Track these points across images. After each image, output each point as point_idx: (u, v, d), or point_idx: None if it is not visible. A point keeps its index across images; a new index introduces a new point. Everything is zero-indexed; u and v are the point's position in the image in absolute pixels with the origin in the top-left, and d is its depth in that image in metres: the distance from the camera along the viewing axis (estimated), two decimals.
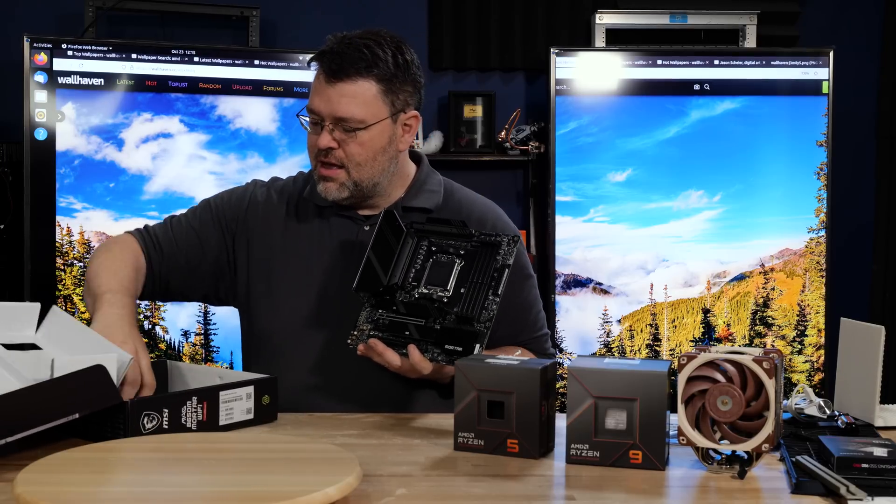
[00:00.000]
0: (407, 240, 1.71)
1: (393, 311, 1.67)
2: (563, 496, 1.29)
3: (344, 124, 1.75)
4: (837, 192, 3.73)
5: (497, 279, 1.64)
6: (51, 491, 1.12)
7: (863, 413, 1.60)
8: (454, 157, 3.89)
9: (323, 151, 1.77)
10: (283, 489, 1.12)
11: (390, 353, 1.62)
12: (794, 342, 3.70)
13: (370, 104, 1.75)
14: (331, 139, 1.75)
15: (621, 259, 3.69)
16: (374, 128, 1.76)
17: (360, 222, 1.86)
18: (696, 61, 3.69)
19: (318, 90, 1.76)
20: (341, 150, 1.76)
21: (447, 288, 1.65)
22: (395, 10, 3.98)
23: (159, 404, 1.45)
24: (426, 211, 1.86)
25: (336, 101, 1.74)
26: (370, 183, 1.80)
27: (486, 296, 1.63)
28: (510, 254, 1.66)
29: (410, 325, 1.66)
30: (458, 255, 1.68)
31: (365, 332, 1.67)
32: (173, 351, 3.51)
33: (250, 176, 3.60)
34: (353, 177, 1.78)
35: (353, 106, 1.74)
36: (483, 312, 1.62)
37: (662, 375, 1.35)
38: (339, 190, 1.79)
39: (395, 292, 1.67)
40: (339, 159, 1.77)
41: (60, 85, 3.39)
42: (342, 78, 1.74)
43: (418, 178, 1.90)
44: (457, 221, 1.71)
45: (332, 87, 1.74)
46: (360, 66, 1.73)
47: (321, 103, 1.75)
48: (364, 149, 1.76)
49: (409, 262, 1.70)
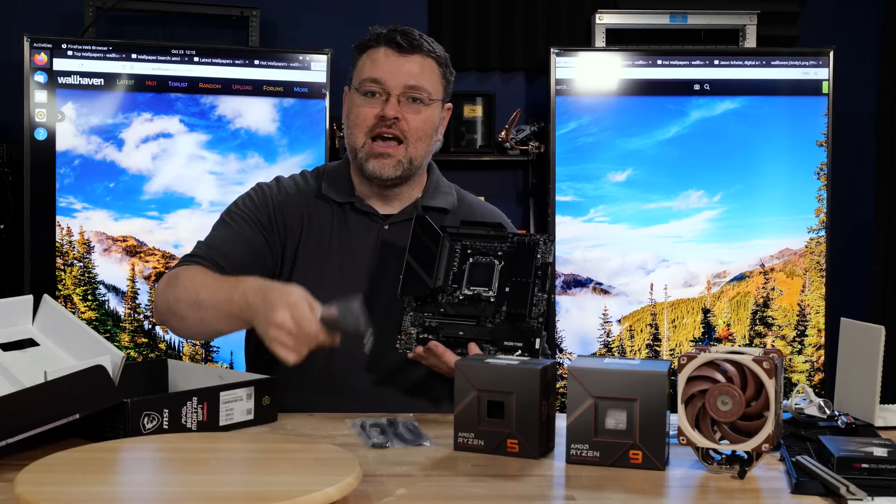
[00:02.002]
0: (443, 243, 1.73)
1: (440, 314, 1.69)
2: (563, 496, 1.29)
3: (414, 93, 1.79)
4: (837, 192, 3.73)
5: (542, 277, 1.67)
6: (51, 491, 1.12)
7: (863, 413, 1.60)
8: (454, 157, 3.89)
9: (386, 122, 1.78)
10: (283, 489, 1.12)
11: (450, 355, 1.64)
12: (794, 342, 3.70)
13: (436, 81, 1.83)
14: (398, 109, 1.78)
15: (621, 259, 3.69)
16: (435, 105, 1.82)
17: (380, 221, 1.86)
18: (696, 61, 3.69)
19: (385, 62, 1.79)
20: (405, 122, 1.79)
21: (492, 288, 1.68)
22: (395, 10, 3.97)
23: (159, 404, 1.45)
24: (444, 211, 1.89)
25: (409, 72, 1.79)
26: (419, 163, 1.83)
27: (532, 293, 1.66)
28: (549, 252, 1.69)
29: (464, 326, 1.68)
30: (496, 256, 1.71)
31: (413, 335, 1.69)
32: (173, 351, 3.51)
33: (250, 176, 3.62)
34: (410, 153, 1.80)
35: (426, 78, 1.80)
36: (533, 308, 1.65)
37: (662, 375, 1.35)
38: (395, 167, 1.80)
39: (438, 295, 1.69)
40: (402, 131, 1.79)
41: (60, 85, 3.39)
42: (415, 52, 1.80)
43: (432, 180, 1.93)
44: (492, 224, 1.74)
45: (405, 57, 1.80)
46: (427, 47, 1.82)
47: (390, 74, 1.78)
48: (426, 123, 1.81)
49: (448, 264, 1.72)
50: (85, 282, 3.43)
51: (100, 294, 3.45)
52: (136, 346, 3.48)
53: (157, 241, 3.51)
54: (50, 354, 1.56)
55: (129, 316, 3.47)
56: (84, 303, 3.42)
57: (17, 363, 1.50)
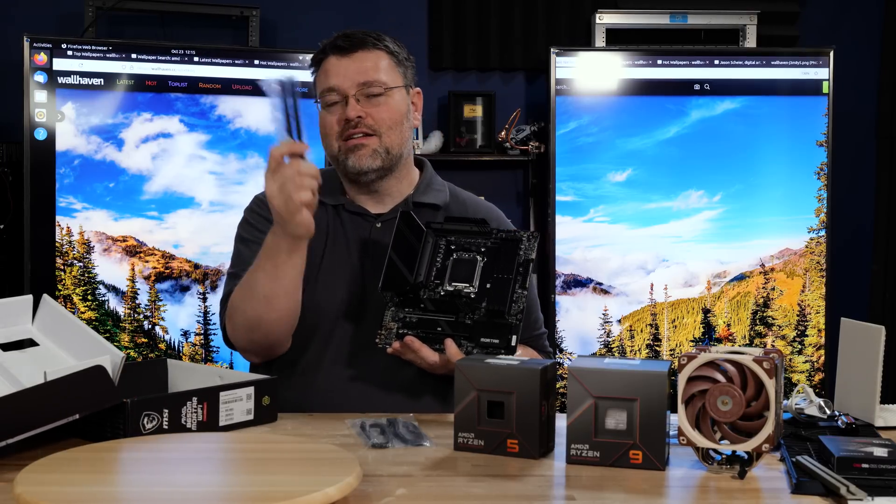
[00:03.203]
0: (427, 239, 1.73)
1: (420, 309, 1.70)
2: (563, 496, 1.29)
3: (370, 89, 1.81)
4: (837, 192, 3.73)
5: (523, 273, 1.67)
6: (51, 491, 1.11)
7: (863, 413, 1.60)
8: (454, 157, 3.89)
9: (352, 123, 1.80)
10: (283, 489, 1.12)
11: (426, 350, 1.65)
12: (794, 342, 3.70)
13: (388, 71, 1.84)
14: (359, 108, 1.81)
15: (621, 259, 3.69)
16: (396, 92, 1.84)
17: (372, 220, 1.88)
18: (696, 61, 3.69)
19: (334, 69, 1.83)
20: (370, 117, 1.81)
21: (473, 284, 1.68)
22: (395, 10, 3.97)
23: (159, 404, 1.45)
24: (436, 207, 1.90)
25: (357, 70, 1.81)
26: (398, 152, 1.85)
27: (513, 289, 1.66)
28: (532, 249, 1.69)
29: (442, 322, 1.69)
30: (479, 252, 1.71)
31: (393, 330, 1.70)
32: (173, 351, 3.51)
33: (250, 176, 3.62)
34: (385, 142, 1.83)
35: (376, 70, 1.82)
36: (513, 305, 1.65)
37: (662, 375, 1.35)
38: (371, 157, 1.82)
39: (420, 290, 1.69)
40: (369, 126, 1.82)
41: (60, 85, 3.39)
42: (357, 49, 1.82)
43: (424, 178, 1.95)
44: (476, 220, 1.75)
45: (350, 58, 1.82)
46: (369, 41, 1.84)
47: (341, 78, 1.81)
48: (392, 112, 1.83)
49: (430, 260, 1.72)
50: (85, 282, 3.43)
51: (99, 294, 3.45)
52: (136, 346, 3.47)
53: (156, 241, 3.51)
54: (50, 354, 1.56)
55: (128, 316, 3.47)
56: (84, 303, 3.42)
57: (17, 363, 1.50)
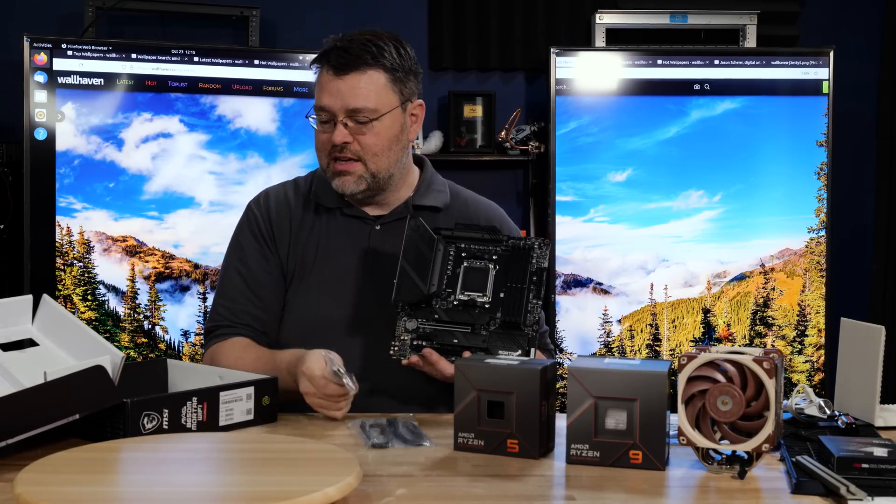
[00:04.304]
0: (437, 246, 1.70)
1: (434, 319, 1.67)
2: (563, 496, 1.29)
3: (358, 116, 1.76)
4: (837, 192, 3.73)
5: (537, 283, 1.66)
6: (51, 491, 1.12)
7: (863, 413, 1.60)
8: (454, 157, 3.89)
9: (338, 147, 1.77)
10: (283, 489, 1.12)
11: (444, 363, 1.64)
12: (794, 342, 3.70)
13: (381, 94, 1.78)
14: (346, 133, 1.77)
15: (621, 259, 3.69)
16: (387, 117, 1.78)
17: (370, 222, 1.86)
18: (696, 61, 3.69)
19: (326, 87, 1.78)
20: (356, 143, 1.78)
21: (486, 293, 1.66)
22: (395, 10, 3.97)
23: (159, 404, 1.45)
24: (436, 209, 1.88)
25: (348, 94, 1.76)
26: (386, 174, 1.81)
27: (527, 299, 1.64)
28: (544, 257, 1.67)
29: (458, 333, 1.66)
30: (490, 259, 1.69)
31: (407, 342, 1.67)
32: (173, 351, 3.51)
33: (250, 176, 3.62)
34: (371, 168, 1.79)
35: (365, 97, 1.76)
36: (528, 316, 1.64)
37: (662, 375, 1.35)
38: (356, 183, 1.80)
39: (433, 300, 1.67)
40: (355, 153, 1.78)
41: (60, 85, 3.39)
42: (351, 70, 1.76)
43: (424, 178, 1.92)
44: (487, 227, 1.73)
45: (342, 80, 1.76)
46: (367, 58, 1.76)
47: (331, 99, 1.77)
48: (380, 139, 1.78)
49: (442, 268, 1.69)
50: (85, 282, 3.43)
51: (99, 294, 3.45)
52: (136, 346, 3.47)
53: (156, 241, 3.51)
54: (50, 354, 1.56)
55: (128, 316, 3.47)
56: (84, 303, 3.42)
57: (17, 363, 1.50)
